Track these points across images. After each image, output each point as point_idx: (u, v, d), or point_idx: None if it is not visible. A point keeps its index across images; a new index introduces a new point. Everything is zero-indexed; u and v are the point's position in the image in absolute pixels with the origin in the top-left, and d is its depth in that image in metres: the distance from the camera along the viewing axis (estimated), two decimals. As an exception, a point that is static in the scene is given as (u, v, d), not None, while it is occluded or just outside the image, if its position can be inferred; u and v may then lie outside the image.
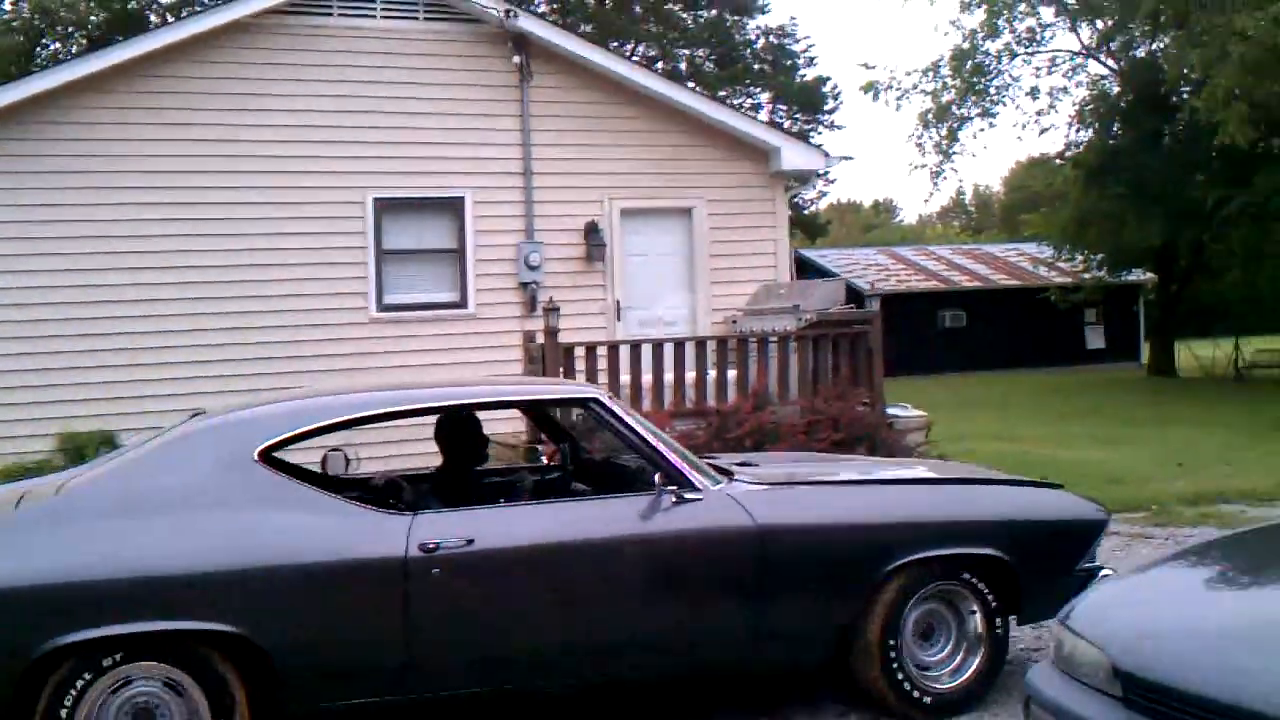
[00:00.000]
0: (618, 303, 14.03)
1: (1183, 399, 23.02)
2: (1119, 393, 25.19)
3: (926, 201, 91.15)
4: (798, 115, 38.54)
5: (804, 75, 38.98)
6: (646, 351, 11.13)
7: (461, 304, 13.51)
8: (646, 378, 10.98)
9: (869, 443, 10.91)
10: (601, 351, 11.09)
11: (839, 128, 63.53)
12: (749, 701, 5.61)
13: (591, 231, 13.85)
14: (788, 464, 6.38)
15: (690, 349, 11.31)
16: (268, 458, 4.76)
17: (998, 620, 5.34)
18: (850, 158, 52.50)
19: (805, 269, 41.56)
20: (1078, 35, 30.65)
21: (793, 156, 14.55)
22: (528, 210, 13.72)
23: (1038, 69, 33.28)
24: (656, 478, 4.94)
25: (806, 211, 39.80)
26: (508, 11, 13.33)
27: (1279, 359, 29.43)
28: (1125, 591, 3.87)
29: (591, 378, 10.71)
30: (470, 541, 4.66)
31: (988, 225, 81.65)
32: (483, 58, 13.65)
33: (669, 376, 11.06)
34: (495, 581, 4.74)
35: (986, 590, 5.30)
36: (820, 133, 39.07)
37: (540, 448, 8.09)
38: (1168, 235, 27.55)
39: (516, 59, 13.59)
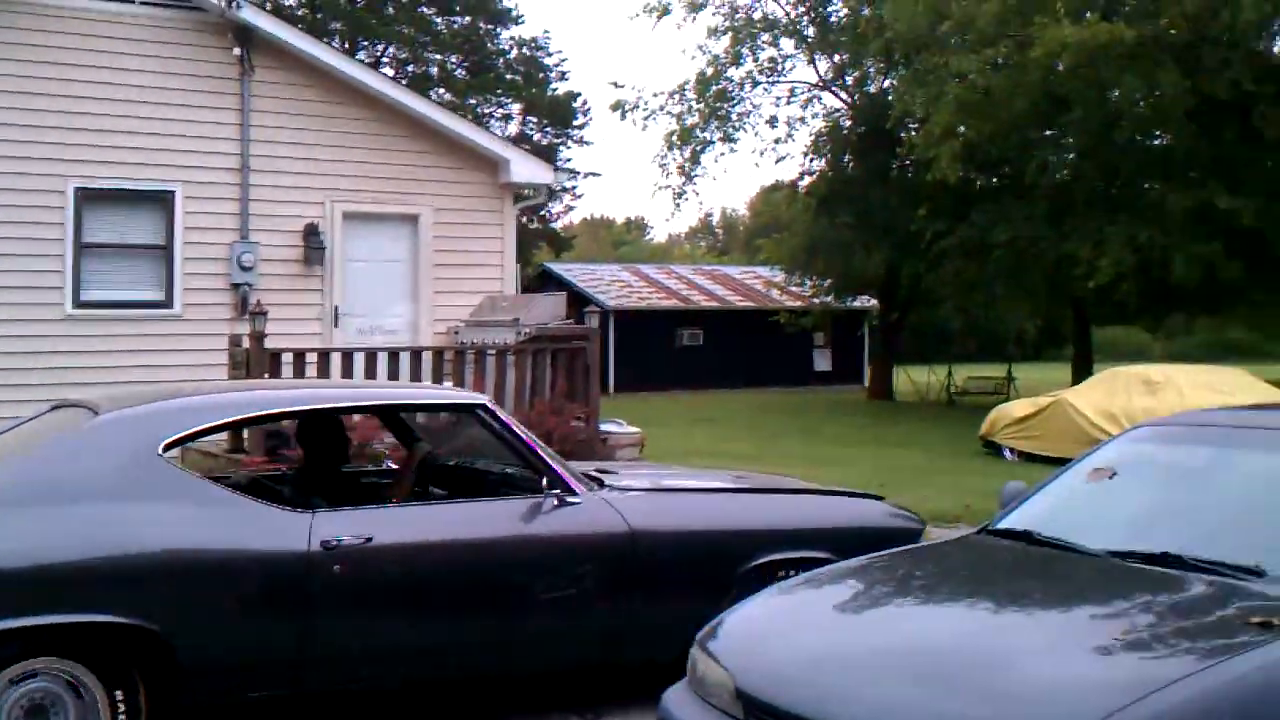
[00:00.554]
0: (336, 309, 13.65)
1: (896, 421, 24.15)
2: (838, 414, 26.24)
3: (668, 221, 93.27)
4: (548, 128, 38.67)
5: (556, 89, 39.17)
6: (359, 360, 10.87)
7: (167, 304, 12.87)
8: (357, 387, 10.69)
9: (582, 458, 10.94)
10: (311, 359, 10.76)
11: (588, 143, 64.42)
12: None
13: (311, 234, 13.44)
14: (644, 473, 6.65)
15: (406, 359, 11.09)
16: (170, 452, 4.79)
17: None
18: (598, 174, 53.29)
19: (549, 282, 41.72)
20: (815, 68, 31.91)
21: (522, 169, 14.52)
22: (243, 209, 13.19)
23: (778, 98, 34.47)
24: (544, 482, 5.23)
25: (556, 225, 39.95)
26: (229, 1, 12.81)
27: (988, 385, 31.34)
28: (753, 613, 3.94)
29: (297, 385, 10.34)
30: (369, 539, 4.79)
31: (734, 247, 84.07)
32: (202, 47, 13.07)
33: (381, 386, 10.81)
34: (393, 578, 4.91)
35: None
36: (570, 147, 39.42)
37: (384, 451, 8.13)
38: (890, 265, 28.97)
39: (237, 51, 13.07)
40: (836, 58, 30.66)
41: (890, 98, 24.67)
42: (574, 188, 39.40)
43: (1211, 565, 3.76)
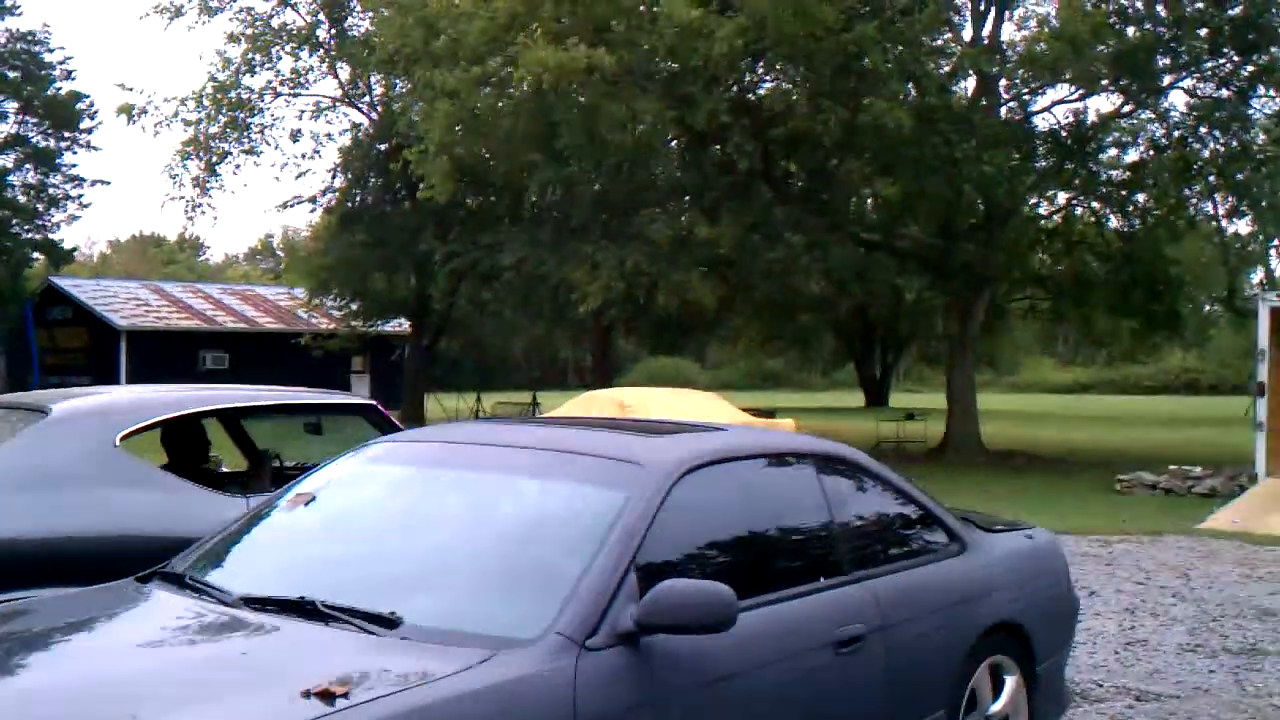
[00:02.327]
0: None
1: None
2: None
3: (184, 233, 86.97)
4: (49, 130, 35.11)
5: (60, 88, 35.67)
6: None
7: None
8: None
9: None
10: None
11: (96, 149, 60.02)
12: None
13: None
14: None
15: None
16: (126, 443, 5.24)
17: None
18: (107, 181, 49.02)
19: (56, 299, 37.93)
20: (339, 79, 30.67)
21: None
22: None
23: (301, 111, 32.82)
24: None
25: (56, 236, 36.31)
26: None
27: (514, 411, 31.14)
28: None
29: None
30: None
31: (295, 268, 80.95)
32: None
33: None
34: None
35: None
36: (76, 152, 35.96)
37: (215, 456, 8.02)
38: (415, 288, 28.19)
39: None
40: (352, 70, 29.58)
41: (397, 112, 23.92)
42: (80, 196, 35.94)
43: (348, 612, 3.14)
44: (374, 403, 6.29)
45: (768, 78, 20.67)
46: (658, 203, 18.86)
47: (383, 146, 28.24)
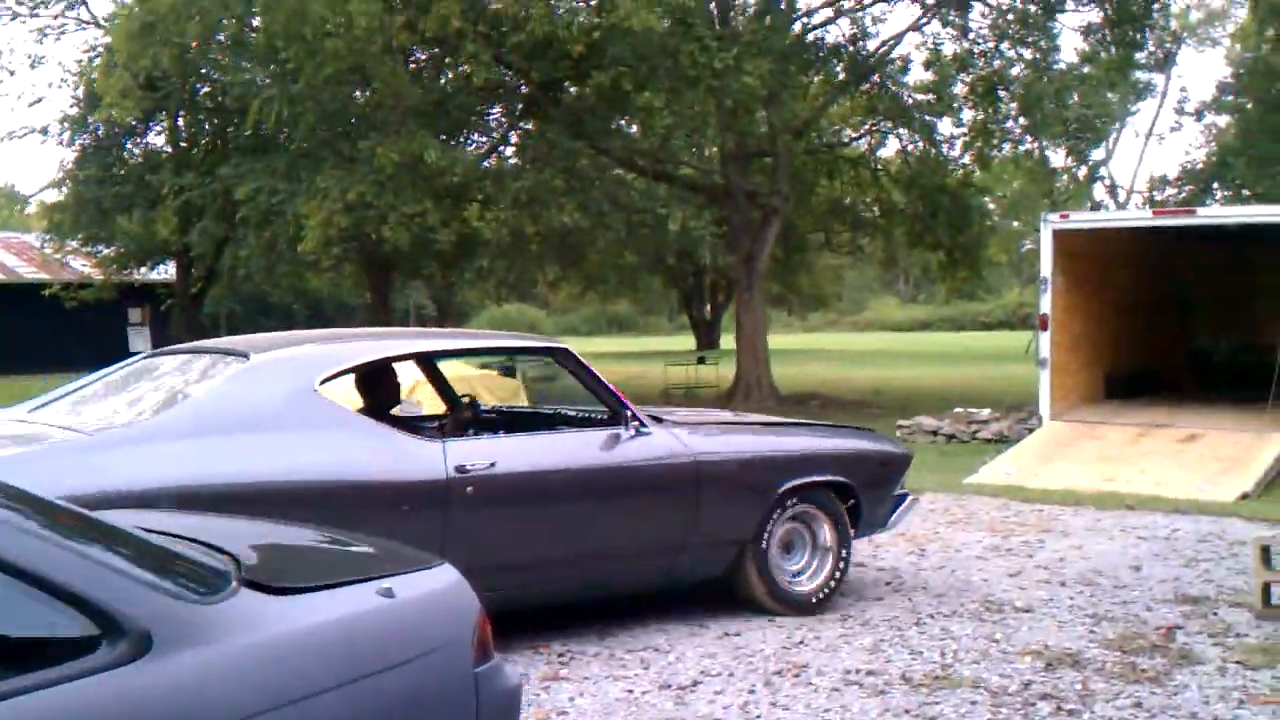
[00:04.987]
0: None
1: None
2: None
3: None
4: None
5: None
6: None
7: None
8: None
9: None
10: None
11: None
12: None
13: None
14: (683, 413, 7.40)
15: None
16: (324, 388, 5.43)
17: (843, 534, 6.71)
18: None
19: None
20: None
21: None
22: None
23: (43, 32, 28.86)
24: (625, 415, 6.09)
25: None
26: None
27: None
28: None
29: None
30: (493, 464, 5.57)
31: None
32: None
33: None
34: (512, 498, 5.69)
35: (838, 510, 6.69)
36: None
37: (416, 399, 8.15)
38: (177, 231, 25.08)
39: None
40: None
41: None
42: None
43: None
44: (566, 346, 6.45)
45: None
46: (389, 125, 16.37)
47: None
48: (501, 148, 20.88)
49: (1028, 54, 20.67)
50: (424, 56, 17.79)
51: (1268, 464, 11.36)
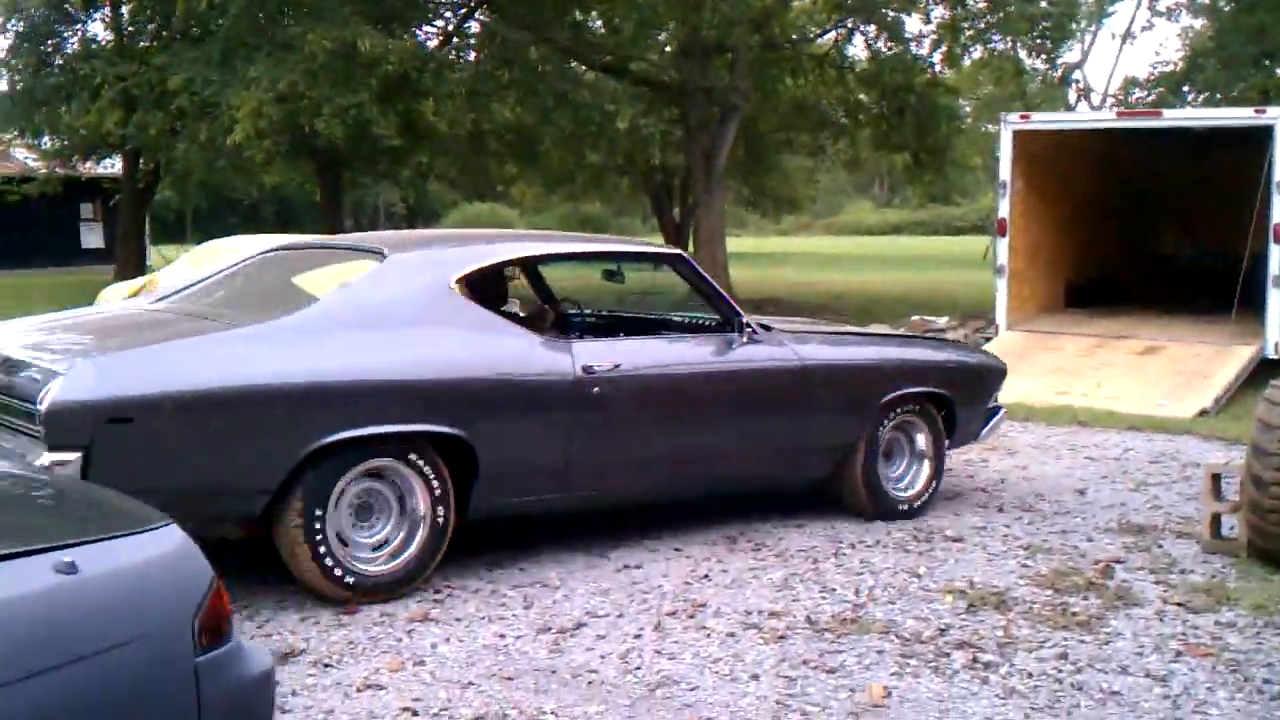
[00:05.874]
0: None
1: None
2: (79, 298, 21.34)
3: None
4: None
5: None
6: None
7: None
8: None
9: None
10: None
11: None
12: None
13: None
14: (783, 321, 7.37)
15: None
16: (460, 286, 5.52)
17: (939, 443, 6.82)
18: None
19: None
20: None
21: None
22: None
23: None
24: (739, 320, 6.17)
25: None
26: None
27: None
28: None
29: None
30: (617, 365, 5.63)
31: None
32: None
33: None
34: (636, 398, 5.74)
35: (936, 420, 6.79)
36: None
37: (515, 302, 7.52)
38: (120, 123, 23.96)
39: None
40: None
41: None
42: None
43: None
44: (680, 252, 6.53)
45: None
46: (322, 11, 15.42)
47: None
48: (456, 39, 20.09)
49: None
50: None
51: (1229, 379, 10.86)
